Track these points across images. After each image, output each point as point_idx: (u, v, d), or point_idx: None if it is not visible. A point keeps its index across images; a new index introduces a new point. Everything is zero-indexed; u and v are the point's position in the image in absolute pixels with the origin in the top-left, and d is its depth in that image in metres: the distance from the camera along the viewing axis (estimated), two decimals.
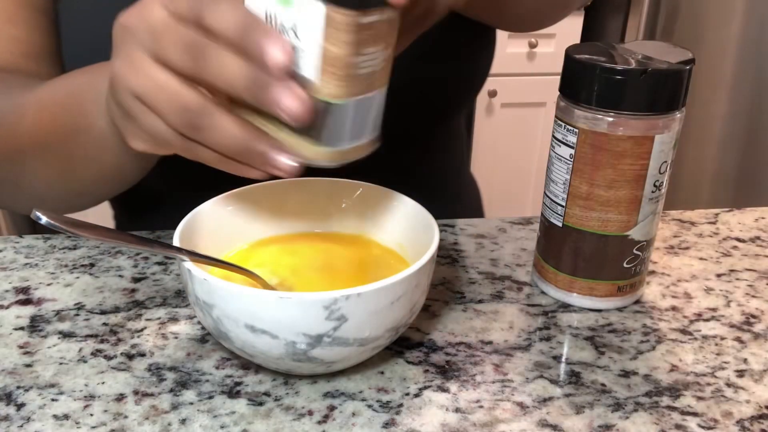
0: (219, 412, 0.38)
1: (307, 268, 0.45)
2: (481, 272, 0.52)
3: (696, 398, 0.40)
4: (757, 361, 0.43)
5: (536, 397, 0.40)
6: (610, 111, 0.42)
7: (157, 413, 0.38)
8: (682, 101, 0.43)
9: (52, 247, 0.55)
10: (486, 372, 0.42)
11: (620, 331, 0.46)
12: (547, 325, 0.46)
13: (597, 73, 0.42)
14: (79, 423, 0.37)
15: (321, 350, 0.37)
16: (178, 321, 0.46)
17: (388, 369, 0.42)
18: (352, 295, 0.35)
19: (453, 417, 0.38)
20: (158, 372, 0.41)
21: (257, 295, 0.35)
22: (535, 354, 0.43)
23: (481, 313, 0.47)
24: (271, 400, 0.39)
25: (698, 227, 0.60)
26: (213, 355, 0.43)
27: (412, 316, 0.40)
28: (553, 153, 0.46)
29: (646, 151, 0.43)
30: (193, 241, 0.42)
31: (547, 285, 0.49)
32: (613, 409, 0.39)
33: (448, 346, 0.44)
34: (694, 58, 0.43)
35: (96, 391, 0.40)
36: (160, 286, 0.50)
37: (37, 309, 0.47)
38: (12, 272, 0.52)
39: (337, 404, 0.39)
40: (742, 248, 0.57)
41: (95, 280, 0.51)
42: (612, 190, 0.44)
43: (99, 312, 0.47)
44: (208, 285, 0.36)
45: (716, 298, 0.50)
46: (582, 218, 0.46)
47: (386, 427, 0.37)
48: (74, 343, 0.44)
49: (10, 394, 0.39)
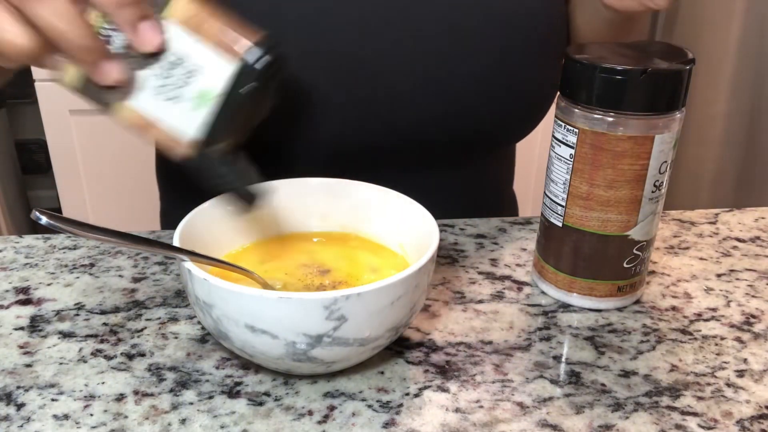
0: (219, 412, 0.38)
1: (307, 268, 0.45)
2: (481, 272, 0.52)
3: (696, 398, 0.40)
4: (757, 361, 0.43)
5: (536, 397, 0.40)
6: (610, 111, 0.42)
7: (157, 413, 0.38)
8: (682, 101, 0.43)
9: (52, 247, 0.55)
10: (486, 372, 0.42)
11: (620, 331, 0.46)
12: (547, 325, 0.46)
13: (597, 73, 0.42)
14: (79, 423, 0.37)
15: (321, 350, 0.37)
16: (178, 321, 0.46)
17: (388, 369, 0.42)
18: (352, 295, 0.35)
19: (453, 417, 0.38)
20: (158, 372, 0.41)
21: (257, 295, 0.35)
22: (535, 354, 0.43)
23: (481, 313, 0.47)
24: (271, 400, 0.39)
25: (698, 227, 0.60)
26: (213, 355, 0.43)
27: (412, 316, 0.40)
28: (553, 153, 0.46)
29: (646, 151, 0.43)
30: (193, 241, 0.42)
31: (547, 285, 0.49)
32: (613, 409, 0.39)
33: (448, 346, 0.44)
34: (694, 58, 0.43)
35: (96, 391, 0.40)
36: (160, 286, 0.50)
37: (37, 309, 0.47)
38: (12, 272, 0.52)
39: (337, 404, 0.39)
40: (742, 248, 0.57)
41: (95, 280, 0.51)
42: (612, 190, 0.44)
43: (99, 312, 0.47)
44: (208, 285, 0.36)
45: (716, 298, 0.50)
46: (582, 218, 0.46)
47: (386, 427, 0.37)
48: (74, 343, 0.44)
49: (10, 394, 0.39)
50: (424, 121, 0.56)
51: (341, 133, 0.56)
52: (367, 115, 0.55)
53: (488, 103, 0.57)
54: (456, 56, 0.55)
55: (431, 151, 0.59)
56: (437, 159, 0.60)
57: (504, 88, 0.57)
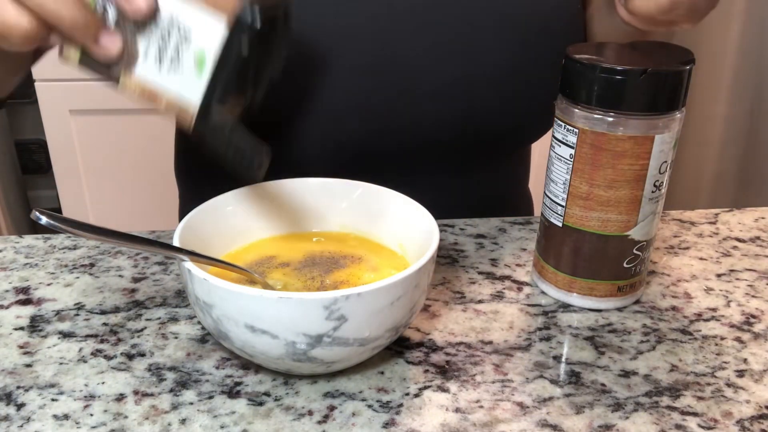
0: (219, 412, 0.38)
1: (307, 268, 0.45)
2: (481, 272, 0.52)
3: (696, 398, 0.40)
4: (757, 361, 0.43)
5: (536, 397, 0.40)
6: (610, 111, 0.42)
7: (157, 413, 0.38)
8: (682, 101, 0.43)
9: (52, 247, 0.55)
10: (486, 372, 0.42)
11: (620, 331, 0.46)
12: (547, 325, 0.46)
13: (597, 73, 0.42)
14: (79, 423, 0.37)
15: (321, 350, 0.37)
16: (178, 321, 0.46)
17: (388, 369, 0.42)
18: (352, 295, 0.35)
19: (453, 417, 0.38)
20: (158, 372, 0.41)
21: (257, 295, 0.35)
22: (535, 354, 0.43)
23: (481, 313, 0.47)
24: (271, 400, 0.39)
25: (698, 227, 0.60)
26: (213, 355, 0.43)
27: (412, 316, 0.40)
28: (553, 153, 0.46)
29: (646, 151, 0.43)
30: (193, 241, 0.42)
31: (547, 285, 0.49)
32: (613, 409, 0.39)
33: (448, 346, 0.44)
34: (694, 58, 0.43)
35: (96, 391, 0.40)
36: (160, 286, 0.50)
37: (37, 309, 0.47)
38: (12, 272, 0.52)
39: (337, 404, 0.39)
40: (742, 248, 0.57)
41: (95, 280, 0.51)
42: (612, 190, 0.44)
43: (99, 312, 0.47)
44: (208, 285, 0.36)
45: (716, 298, 0.50)
46: (582, 218, 0.46)
47: (386, 427, 0.37)
48: (74, 343, 0.44)
49: (10, 394, 0.39)
50: (442, 123, 0.57)
51: (361, 135, 0.56)
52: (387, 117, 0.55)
53: (506, 104, 0.57)
54: (473, 57, 0.55)
55: (449, 153, 0.59)
56: (455, 161, 0.60)
57: (521, 89, 0.57)
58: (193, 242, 0.41)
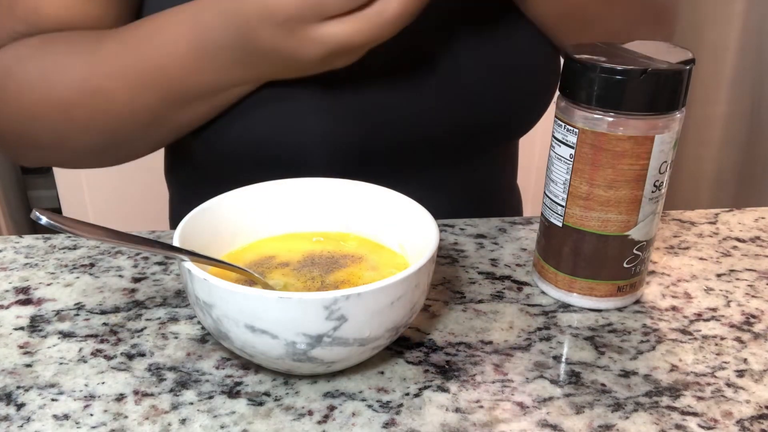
0: (219, 412, 0.38)
1: (307, 267, 0.45)
2: (481, 272, 0.52)
3: (696, 398, 0.40)
4: (757, 361, 0.43)
5: (536, 397, 0.40)
6: (610, 111, 0.42)
7: (157, 413, 0.38)
8: (682, 101, 0.43)
9: (52, 247, 0.55)
10: (486, 372, 0.42)
11: (620, 331, 0.46)
12: (547, 325, 0.46)
13: (597, 73, 0.42)
14: (79, 423, 0.37)
15: (321, 350, 0.37)
16: (178, 321, 0.46)
17: (388, 369, 0.42)
18: (352, 295, 0.35)
19: (453, 417, 0.38)
20: (158, 372, 0.41)
21: (257, 295, 0.35)
22: (535, 354, 0.43)
23: (481, 313, 0.47)
24: (271, 400, 0.39)
25: (698, 227, 0.60)
26: (213, 355, 0.43)
27: (412, 316, 0.40)
28: (553, 153, 0.46)
29: (646, 151, 0.43)
30: (193, 241, 0.42)
31: (547, 285, 0.49)
32: (613, 409, 0.39)
33: (448, 346, 0.44)
34: (694, 58, 0.43)
35: (96, 391, 0.40)
36: (160, 286, 0.50)
37: (37, 309, 0.47)
38: (12, 272, 0.52)
39: (337, 404, 0.39)
40: (742, 248, 0.57)
41: (95, 280, 0.51)
42: (612, 190, 0.44)
43: (99, 312, 0.47)
44: (208, 285, 0.36)
45: (716, 298, 0.50)
46: (582, 218, 0.46)
47: (386, 427, 0.37)
48: (74, 343, 0.44)
49: (10, 394, 0.39)
50: (427, 116, 0.56)
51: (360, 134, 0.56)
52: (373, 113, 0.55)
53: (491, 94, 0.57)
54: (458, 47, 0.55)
55: (435, 148, 0.59)
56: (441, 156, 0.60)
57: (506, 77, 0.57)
58: (193, 242, 0.41)
